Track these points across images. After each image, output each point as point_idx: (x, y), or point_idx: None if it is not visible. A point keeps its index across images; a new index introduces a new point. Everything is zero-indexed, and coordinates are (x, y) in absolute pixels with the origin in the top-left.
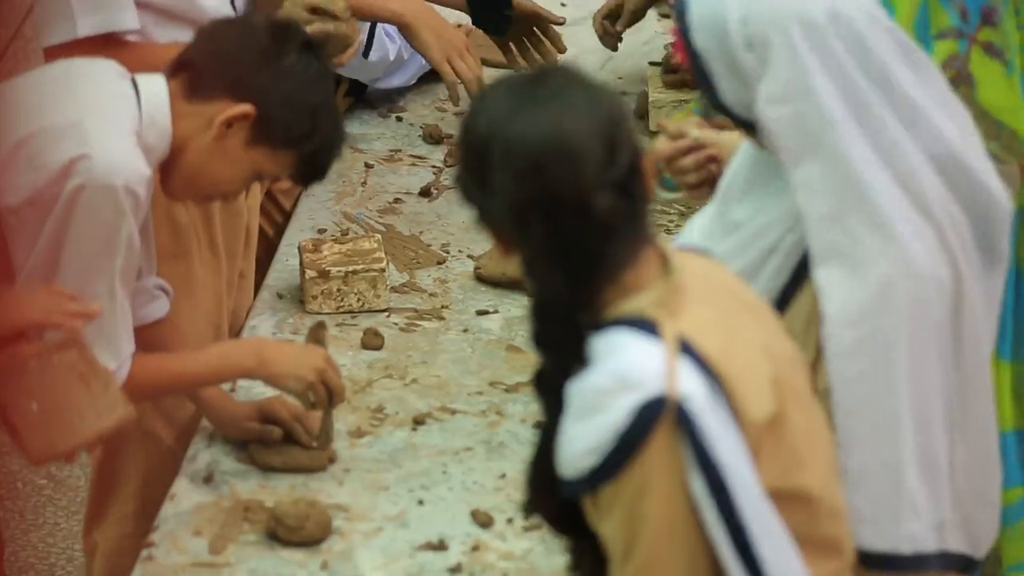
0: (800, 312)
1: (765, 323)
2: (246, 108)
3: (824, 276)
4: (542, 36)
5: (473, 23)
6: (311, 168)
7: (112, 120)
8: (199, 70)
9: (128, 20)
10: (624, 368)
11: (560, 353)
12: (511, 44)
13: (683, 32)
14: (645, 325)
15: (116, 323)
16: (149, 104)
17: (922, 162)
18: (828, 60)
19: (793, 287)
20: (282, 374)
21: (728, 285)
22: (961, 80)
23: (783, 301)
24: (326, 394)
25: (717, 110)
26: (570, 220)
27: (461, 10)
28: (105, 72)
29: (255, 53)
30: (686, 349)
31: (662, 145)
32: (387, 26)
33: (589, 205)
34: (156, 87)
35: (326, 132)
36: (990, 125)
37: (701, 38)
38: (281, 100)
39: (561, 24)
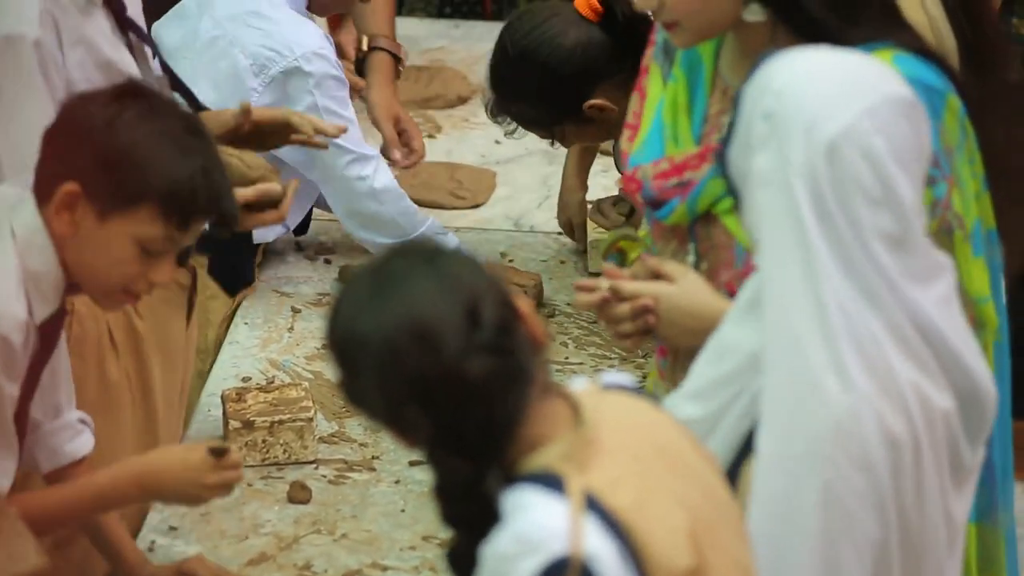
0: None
1: (691, 473)
2: (68, 187)
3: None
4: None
5: None
6: (184, 211)
7: None
8: (38, 175)
9: None
10: (525, 530)
11: (472, 529)
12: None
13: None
14: (550, 481)
15: None
16: (23, 232)
17: (894, 327)
18: (810, 182)
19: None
20: (172, 501)
21: (649, 430)
22: (948, 227)
23: (748, 445)
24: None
25: (722, 169)
26: (446, 398)
27: None
28: None
29: (67, 130)
30: (592, 506)
31: (583, 299)
32: None
33: (462, 376)
34: (26, 212)
35: (170, 171)
36: None
37: (749, 92)
38: (95, 163)
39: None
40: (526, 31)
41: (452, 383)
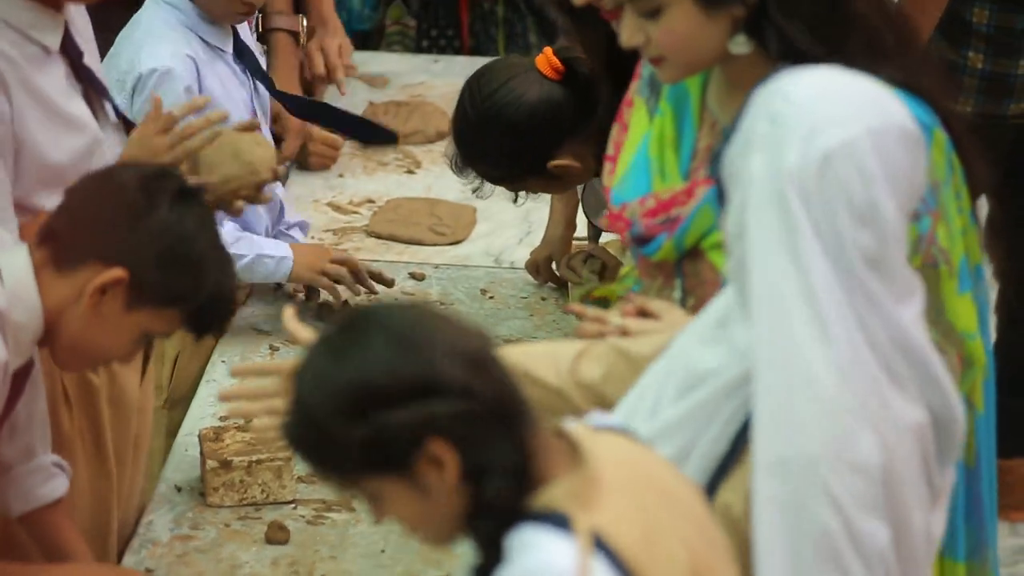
0: (739, 485)
1: (685, 510)
2: (117, 273)
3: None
4: None
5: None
6: (202, 322)
7: None
8: (64, 237)
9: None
10: (533, 569)
11: (498, 546)
12: None
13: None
14: (557, 520)
15: None
16: (11, 281)
17: (870, 335)
18: (799, 187)
19: (732, 457)
20: None
21: (647, 469)
22: (933, 262)
23: (721, 471)
24: None
25: (715, 169)
26: (478, 413)
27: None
28: None
29: (122, 211)
30: (600, 545)
31: (586, 328)
32: None
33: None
34: (18, 262)
35: (211, 284)
36: (930, 309)
37: (759, 94)
38: (154, 259)
39: None
40: (486, 93)
41: (489, 394)
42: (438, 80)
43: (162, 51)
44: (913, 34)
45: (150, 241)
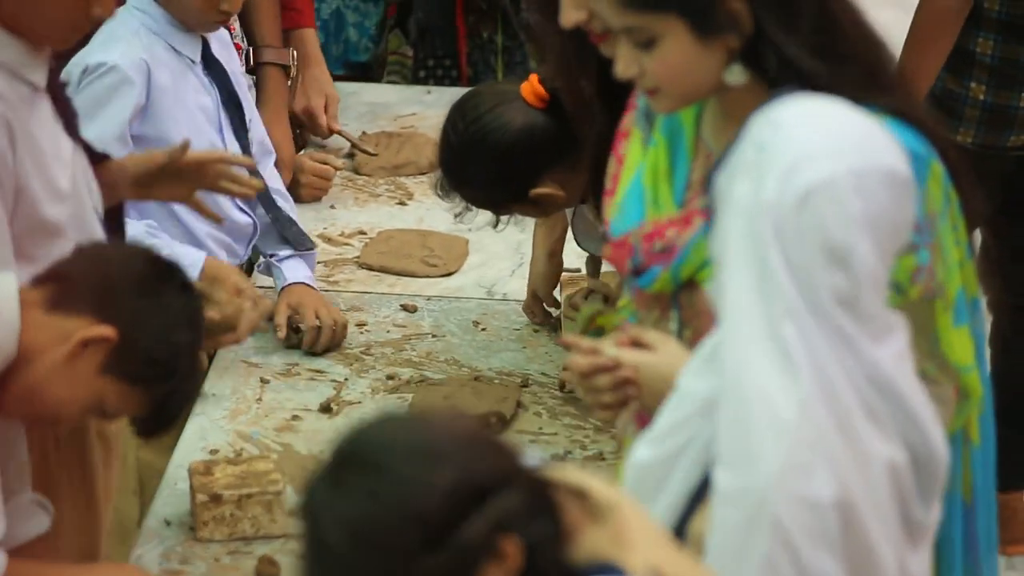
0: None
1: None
2: (107, 331)
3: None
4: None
5: None
6: (156, 416)
7: None
8: (68, 283)
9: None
10: None
11: None
12: None
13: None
14: (608, 569)
15: None
16: None
17: (846, 372)
18: (776, 221)
19: (705, 487)
20: None
21: (631, 504)
22: (931, 295)
23: (696, 499)
24: None
25: (707, 191)
26: (524, 493)
27: None
28: None
29: (132, 279)
30: None
31: (579, 360)
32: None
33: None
34: (4, 284)
35: (182, 378)
36: (925, 342)
37: (754, 119)
38: (147, 333)
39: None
40: (472, 118)
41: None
42: (431, 111)
43: (114, 49)
44: (904, 70)
45: (150, 314)
